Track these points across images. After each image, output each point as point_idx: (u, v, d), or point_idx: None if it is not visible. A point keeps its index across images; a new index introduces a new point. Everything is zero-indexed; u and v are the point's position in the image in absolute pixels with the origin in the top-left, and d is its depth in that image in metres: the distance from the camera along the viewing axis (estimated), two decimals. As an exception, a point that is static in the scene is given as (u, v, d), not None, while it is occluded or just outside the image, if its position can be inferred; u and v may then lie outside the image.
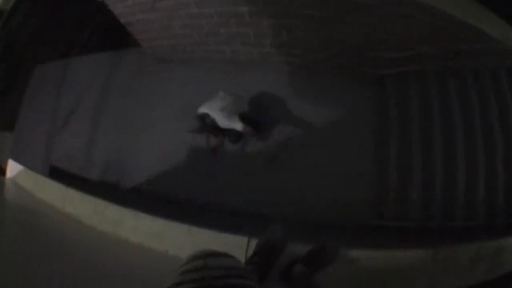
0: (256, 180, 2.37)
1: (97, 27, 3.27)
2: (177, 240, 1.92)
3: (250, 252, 1.73)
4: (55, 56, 3.58)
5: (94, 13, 3.13)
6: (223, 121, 2.40)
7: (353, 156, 2.30)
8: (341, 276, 1.69)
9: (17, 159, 3.18)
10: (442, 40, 2.31)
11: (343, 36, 2.31)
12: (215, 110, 2.41)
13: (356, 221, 2.17)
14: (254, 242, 1.74)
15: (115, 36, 2.92)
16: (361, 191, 2.23)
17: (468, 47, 2.32)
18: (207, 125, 2.47)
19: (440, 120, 2.36)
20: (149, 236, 2.05)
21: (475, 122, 2.32)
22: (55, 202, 2.62)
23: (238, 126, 2.38)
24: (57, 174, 2.99)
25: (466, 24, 2.18)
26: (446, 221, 2.21)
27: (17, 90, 3.74)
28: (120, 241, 2.15)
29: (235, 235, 1.80)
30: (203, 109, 2.45)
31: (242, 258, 1.70)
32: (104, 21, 3.01)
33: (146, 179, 2.62)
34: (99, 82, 3.00)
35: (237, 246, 1.76)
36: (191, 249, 1.83)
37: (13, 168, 3.19)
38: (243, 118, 2.40)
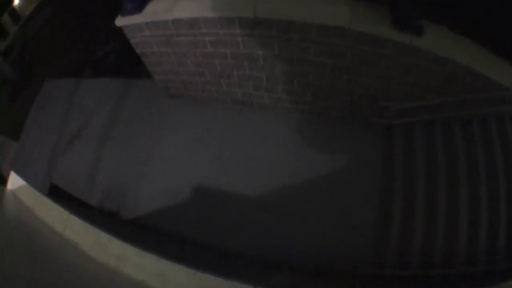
0: (262, 225, 2.38)
1: (112, 52, 3.30)
2: (182, 283, 1.92)
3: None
4: (67, 73, 3.60)
5: (111, 37, 3.16)
6: None
7: (357, 204, 2.33)
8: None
9: (18, 172, 3.17)
10: (452, 90, 2.36)
11: (354, 85, 2.36)
12: None
13: (358, 269, 2.19)
14: (259, 292, 1.75)
15: (128, 64, 2.94)
16: (364, 239, 2.25)
17: (477, 96, 2.37)
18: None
19: (444, 168, 2.40)
20: (153, 275, 2.04)
21: (479, 169, 2.36)
22: (56, 225, 2.61)
23: None
24: (57, 193, 2.98)
25: (477, 73, 2.23)
26: (447, 268, 2.24)
27: (26, 99, 3.75)
28: (122, 276, 2.15)
29: (240, 282, 1.80)
30: None
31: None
32: (119, 47, 3.04)
33: (147, 212, 2.61)
34: (108, 107, 3.00)
35: (243, 294, 1.77)
36: (197, 293, 1.85)
37: (14, 181, 3.18)
38: None
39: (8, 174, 3.22)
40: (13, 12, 4.41)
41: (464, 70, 2.22)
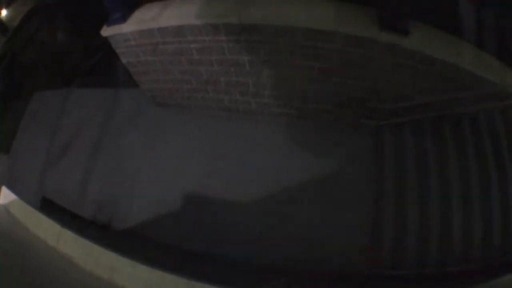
0: (256, 231, 2.36)
1: (100, 61, 3.27)
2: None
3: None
4: (56, 84, 3.57)
5: (99, 47, 3.14)
6: None
7: (349, 207, 2.32)
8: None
9: (9, 186, 3.15)
10: (441, 89, 2.37)
11: (342, 87, 2.36)
12: None
13: (353, 271, 2.18)
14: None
15: (116, 74, 2.93)
16: (358, 241, 2.25)
17: (467, 94, 2.38)
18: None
19: (436, 167, 2.41)
20: (146, 286, 2.03)
21: (471, 168, 2.37)
22: (49, 238, 2.59)
23: None
24: (49, 207, 2.96)
25: (465, 70, 2.24)
26: (442, 267, 2.25)
27: (15, 112, 3.71)
28: (116, 288, 2.13)
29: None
30: None
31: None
32: (108, 57, 3.02)
33: (139, 223, 2.57)
34: (98, 118, 2.98)
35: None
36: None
37: (6, 195, 3.15)
38: None
39: (-1, 189, 3.20)
40: (1, 23, 4.37)
41: (453, 69, 2.23)
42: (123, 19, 2.51)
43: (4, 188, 3.21)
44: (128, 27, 2.47)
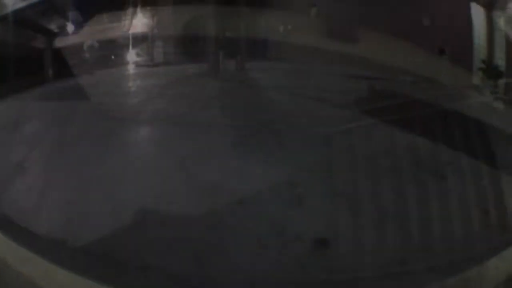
0: (211, 245, 2.32)
1: (53, 73, 3.20)
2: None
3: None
4: (12, 97, 3.46)
5: (55, 59, 3.07)
6: None
7: (298, 215, 2.32)
8: None
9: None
10: (393, 94, 2.43)
11: (291, 96, 2.38)
12: None
13: (309, 278, 2.19)
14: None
15: (70, 85, 2.87)
16: (311, 248, 2.26)
17: (418, 97, 2.44)
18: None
19: (389, 170, 2.45)
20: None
21: (425, 167, 2.42)
22: (7, 257, 2.52)
23: None
24: (5, 224, 2.87)
25: (417, 75, 2.30)
26: (403, 267, 2.29)
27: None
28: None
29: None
30: None
31: None
32: (60, 68, 2.97)
33: (95, 239, 2.50)
34: (53, 132, 2.91)
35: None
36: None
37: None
38: None
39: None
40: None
41: (404, 74, 2.29)
42: (77, 31, 2.49)
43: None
44: (80, 38, 2.46)
